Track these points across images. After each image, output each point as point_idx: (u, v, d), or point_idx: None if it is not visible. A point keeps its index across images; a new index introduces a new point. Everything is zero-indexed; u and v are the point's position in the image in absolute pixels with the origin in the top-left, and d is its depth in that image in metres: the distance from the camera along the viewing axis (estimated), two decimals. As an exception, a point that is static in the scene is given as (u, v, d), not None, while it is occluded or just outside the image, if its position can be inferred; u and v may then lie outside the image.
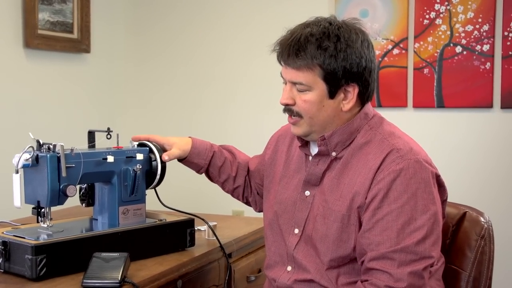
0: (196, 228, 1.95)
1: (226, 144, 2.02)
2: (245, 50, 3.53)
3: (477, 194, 3.04)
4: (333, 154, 1.61)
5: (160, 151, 1.86)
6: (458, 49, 3.07)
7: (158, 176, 1.85)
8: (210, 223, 2.01)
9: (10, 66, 3.04)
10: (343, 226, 1.55)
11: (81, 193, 1.85)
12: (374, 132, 1.60)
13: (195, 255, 1.85)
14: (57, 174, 1.65)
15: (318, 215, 1.61)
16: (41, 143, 1.67)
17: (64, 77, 3.35)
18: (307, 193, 1.65)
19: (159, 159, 1.84)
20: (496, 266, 1.71)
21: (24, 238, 1.64)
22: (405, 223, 1.48)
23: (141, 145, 1.87)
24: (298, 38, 1.55)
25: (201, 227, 2.07)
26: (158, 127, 3.66)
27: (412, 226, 1.48)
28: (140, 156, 1.82)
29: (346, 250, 1.56)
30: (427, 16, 3.11)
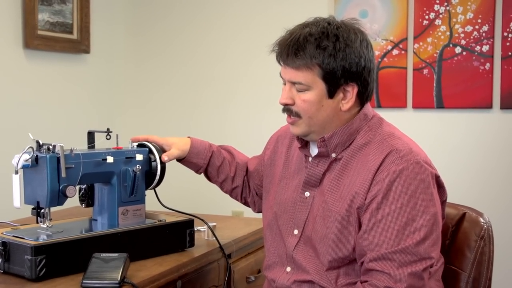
0: (196, 229, 1.95)
1: (225, 145, 2.02)
2: (245, 51, 3.53)
3: (477, 195, 3.04)
4: (333, 155, 1.61)
5: (160, 152, 1.86)
6: (458, 50, 3.07)
7: (158, 177, 1.85)
8: (210, 224, 2.01)
9: (10, 67, 3.04)
10: (343, 227, 1.55)
11: (81, 194, 1.85)
12: (374, 133, 1.60)
13: (195, 256, 1.85)
14: (57, 175, 1.65)
15: (318, 216, 1.61)
16: (41, 144, 1.67)
17: (64, 78, 3.35)
18: (307, 194, 1.65)
19: (159, 160, 1.84)
20: (496, 267, 1.71)
21: (24, 239, 1.64)
22: (405, 224, 1.48)
23: (141, 146, 1.87)
24: (297, 38, 1.55)
25: (201, 228, 2.07)
26: (158, 127, 3.67)
27: (412, 227, 1.48)
28: (140, 157, 1.82)
29: (346, 251, 1.55)
30: (427, 17, 3.11)
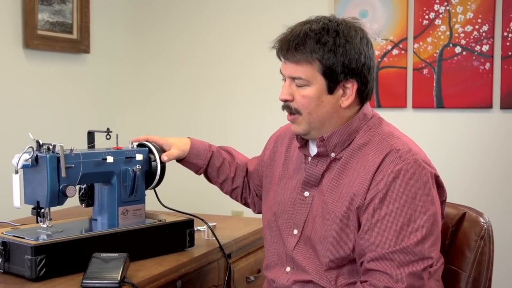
0: (196, 229, 1.95)
1: (225, 145, 2.02)
2: (244, 51, 3.53)
3: (477, 195, 3.04)
4: (332, 155, 1.61)
5: (160, 152, 1.86)
6: (458, 50, 3.07)
7: (158, 177, 1.85)
8: (210, 224, 2.01)
9: (10, 67, 3.04)
10: (342, 227, 1.55)
11: (81, 194, 1.85)
12: (373, 133, 1.60)
13: (195, 256, 1.85)
14: (57, 175, 1.65)
15: (317, 216, 1.61)
16: (41, 144, 1.67)
17: (64, 78, 3.35)
18: (306, 194, 1.65)
19: (159, 160, 1.84)
20: (495, 266, 1.71)
21: (24, 239, 1.64)
22: (404, 224, 1.48)
23: (141, 146, 1.87)
24: (298, 33, 1.56)
25: (201, 228, 2.07)
26: (157, 127, 3.67)
27: (411, 227, 1.48)
28: (140, 157, 1.82)
29: (345, 251, 1.55)
30: (427, 17, 3.11)
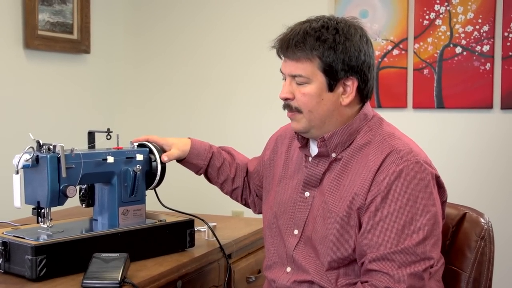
0: (196, 229, 1.95)
1: (225, 146, 2.02)
2: (244, 51, 3.53)
3: (477, 195, 3.04)
4: (333, 155, 1.61)
5: (160, 152, 1.86)
6: (458, 50, 3.07)
7: (158, 177, 1.85)
8: (210, 224, 2.01)
9: (10, 67, 3.04)
10: (343, 227, 1.55)
11: (81, 194, 1.85)
12: (374, 133, 1.60)
13: (195, 256, 1.85)
14: (57, 175, 1.65)
15: (318, 216, 1.60)
16: (41, 144, 1.67)
17: (64, 78, 3.35)
18: (307, 194, 1.65)
19: (159, 160, 1.84)
20: (495, 267, 1.71)
21: (24, 239, 1.64)
22: (405, 224, 1.48)
23: (141, 146, 1.87)
24: (298, 32, 1.57)
25: (201, 228, 2.07)
26: (158, 128, 3.67)
27: (412, 227, 1.48)
28: (140, 157, 1.82)
29: (346, 252, 1.55)
30: (427, 17, 3.11)
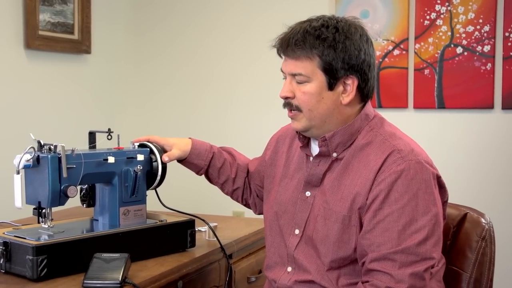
0: (197, 229, 1.95)
1: (226, 146, 2.02)
2: (245, 51, 3.53)
3: (478, 195, 3.04)
4: (334, 155, 1.61)
5: (161, 152, 1.86)
6: (459, 50, 3.07)
7: (159, 177, 1.85)
8: (211, 224, 2.00)
9: (11, 67, 3.04)
10: (344, 227, 1.55)
11: (82, 194, 1.85)
12: (375, 133, 1.60)
13: (196, 256, 1.85)
14: (58, 175, 1.65)
15: (319, 216, 1.60)
16: (42, 144, 1.67)
17: (65, 78, 3.35)
18: (308, 194, 1.65)
19: (160, 160, 1.84)
20: (495, 267, 1.71)
21: (25, 239, 1.64)
22: (406, 224, 1.48)
23: (142, 146, 1.87)
24: (298, 31, 1.57)
25: (202, 228, 2.07)
26: (158, 128, 3.67)
27: (413, 227, 1.48)
28: (141, 157, 1.82)
29: (347, 251, 1.55)
30: (428, 17, 3.11)
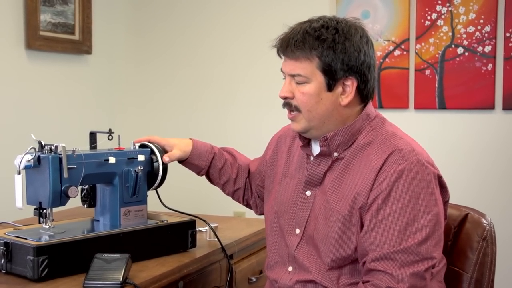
0: (198, 229, 1.94)
1: (227, 147, 2.02)
2: (246, 52, 3.53)
3: (479, 196, 3.03)
4: (335, 155, 1.61)
5: (162, 152, 1.86)
6: (460, 50, 3.07)
7: (160, 177, 1.85)
8: (212, 224, 2.00)
9: (12, 67, 3.04)
10: (345, 227, 1.55)
11: (83, 194, 1.85)
12: (376, 133, 1.60)
13: (197, 256, 1.85)
14: (59, 175, 1.65)
15: (320, 216, 1.61)
16: (43, 144, 1.67)
17: (66, 78, 3.35)
18: (308, 193, 1.65)
19: (161, 161, 1.84)
20: (496, 267, 1.70)
21: (26, 239, 1.64)
22: (407, 224, 1.48)
23: (143, 146, 1.88)
24: (298, 31, 1.58)
25: (203, 228, 2.07)
26: (159, 128, 3.67)
27: (414, 227, 1.48)
28: (142, 157, 1.82)
29: (348, 251, 1.55)
30: (429, 17, 3.11)
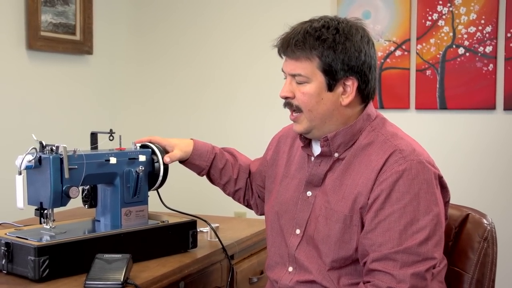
0: (199, 230, 1.94)
1: (228, 147, 2.02)
2: (247, 52, 3.53)
3: (480, 196, 3.03)
4: (336, 155, 1.61)
5: (163, 153, 1.86)
6: (461, 51, 3.06)
7: (161, 178, 1.85)
8: (213, 225, 2.00)
9: (13, 68, 3.04)
10: (346, 227, 1.55)
11: (84, 195, 1.85)
12: (377, 133, 1.60)
13: (198, 257, 1.85)
14: (60, 176, 1.65)
15: (320, 216, 1.60)
16: (44, 145, 1.68)
17: (67, 79, 3.36)
18: (309, 194, 1.65)
19: (162, 161, 1.84)
20: (497, 268, 1.70)
21: (27, 239, 1.64)
22: (408, 224, 1.48)
23: (144, 147, 1.88)
24: (298, 31, 1.58)
25: (204, 229, 2.07)
26: (160, 128, 3.67)
27: (415, 227, 1.48)
28: (143, 158, 1.82)
29: (348, 251, 1.55)
30: (430, 18, 3.10)
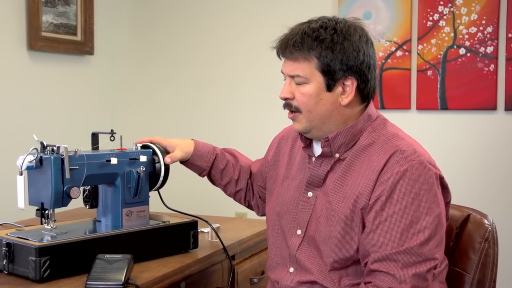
0: (200, 230, 1.95)
1: (229, 148, 2.02)
2: (247, 52, 3.53)
3: (482, 197, 3.03)
4: (337, 156, 1.61)
5: (164, 153, 1.86)
6: (462, 51, 3.06)
7: (162, 178, 1.85)
8: (213, 225, 2.00)
9: (14, 68, 3.04)
10: (347, 228, 1.55)
11: (85, 195, 1.85)
12: (378, 134, 1.60)
13: (198, 257, 1.85)
14: (61, 176, 1.65)
15: (321, 216, 1.60)
16: (45, 145, 1.68)
17: (68, 79, 3.36)
18: (310, 194, 1.65)
19: (163, 161, 1.84)
20: (498, 268, 1.70)
21: (28, 240, 1.64)
22: (409, 225, 1.48)
23: (144, 147, 1.88)
24: (297, 32, 1.58)
25: (204, 229, 2.07)
26: (161, 129, 3.67)
27: (416, 228, 1.47)
28: (144, 158, 1.82)
29: (349, 252, 1.55)
30: (431, 18, 3.10)
